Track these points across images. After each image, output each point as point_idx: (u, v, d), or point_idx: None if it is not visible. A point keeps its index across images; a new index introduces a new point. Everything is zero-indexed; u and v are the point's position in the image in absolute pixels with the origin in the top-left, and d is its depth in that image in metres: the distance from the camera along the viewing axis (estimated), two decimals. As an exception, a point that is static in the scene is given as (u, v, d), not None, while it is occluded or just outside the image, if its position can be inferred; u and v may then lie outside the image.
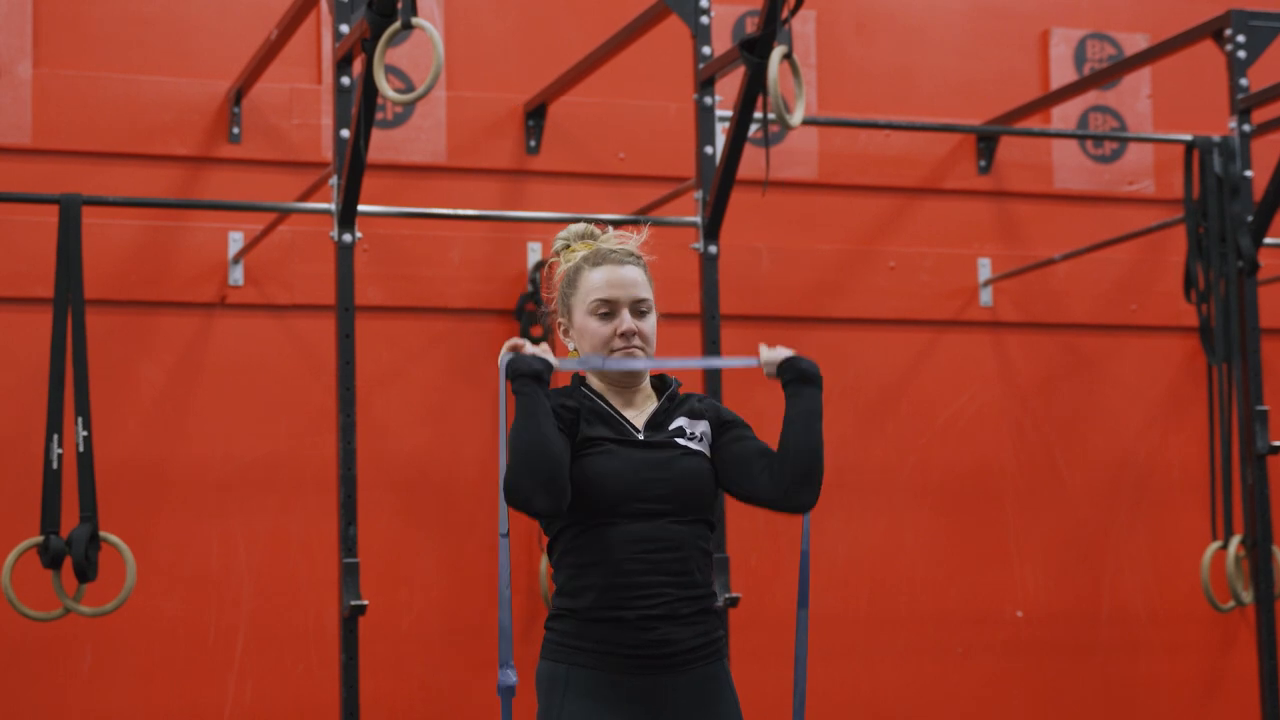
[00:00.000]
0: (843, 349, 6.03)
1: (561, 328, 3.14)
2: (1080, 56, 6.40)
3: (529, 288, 5.68)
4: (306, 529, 5.43)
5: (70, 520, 4.63)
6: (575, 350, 3.10)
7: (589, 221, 3.27)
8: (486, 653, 5.58)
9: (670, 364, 3.21)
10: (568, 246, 3.19)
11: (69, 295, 4.67)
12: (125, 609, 4.84)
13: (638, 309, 3.09)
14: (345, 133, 4.58)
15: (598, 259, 3.10)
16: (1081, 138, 6.29)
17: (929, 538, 6.04)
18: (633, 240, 3.20)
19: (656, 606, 3.01)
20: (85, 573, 4.59)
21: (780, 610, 5.80)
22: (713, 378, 4.74)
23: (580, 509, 3.04)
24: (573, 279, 3.12)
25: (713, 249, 4.84)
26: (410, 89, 5.57)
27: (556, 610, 3.07)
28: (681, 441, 3.09)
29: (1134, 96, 6.45)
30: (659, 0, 4.86)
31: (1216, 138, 5.29)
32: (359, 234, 4.72)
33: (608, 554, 3.02)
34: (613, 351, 3.07)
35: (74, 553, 4.56)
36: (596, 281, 3.08)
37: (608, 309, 3.07)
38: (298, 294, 5.53)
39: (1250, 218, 5.22)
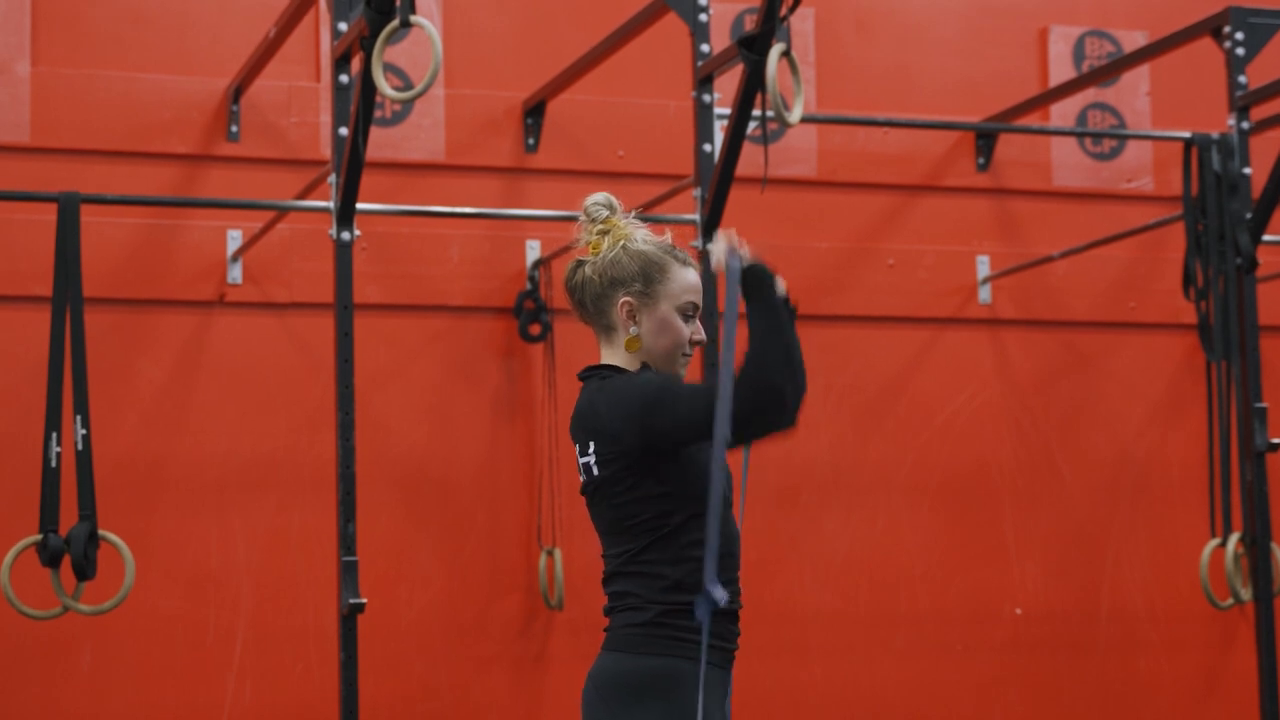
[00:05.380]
0: (841, 347, 6.03)
1: (628, 308, 3.06)
2: (1079, 54, 6.40)
3: (528, 285, 5.68)
4: (305, 527, 5.43)
5: (69, 518, 4.62)
6: (637, 335, 3.07)
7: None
8: (485, 650, 5.58)
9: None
10: (613, 213, 3.15)
11: (67, 293, 4.67)
12: (124, 607, 4.84)
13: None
14: (344, 131, 4.57)
15: (684, 259, 3.11)
16: (1080, 135, 6.29)
17: (928, 535, 6.04)
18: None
19: (738, 599, 3.03)
20: (84, 571, 4.59)
21: (776, 607, 5.81)
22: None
23: (704, 493, 2.97)
24: (661, 266, 3.07)
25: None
26: (409, 87, 5.56)
27: (672, 604, 2.95)
28: None
29: (1133, 94, 6.45)
30: (657, -2, 4.87)
31: (1215, 135, 5.29)
32: (358, 232, 4.72)
33: (730, 544, 3.00)
34: (684, 355, 3.09)
35: (73, 551, 4.56)
36: (691, 282, 3.09)
37: (694, 311, 3.10)
38: (296, 292, 5.53)
39: (1249, 215, 5.22)
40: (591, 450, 3.02)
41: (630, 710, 2.90)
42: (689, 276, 3.09)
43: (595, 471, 3.01)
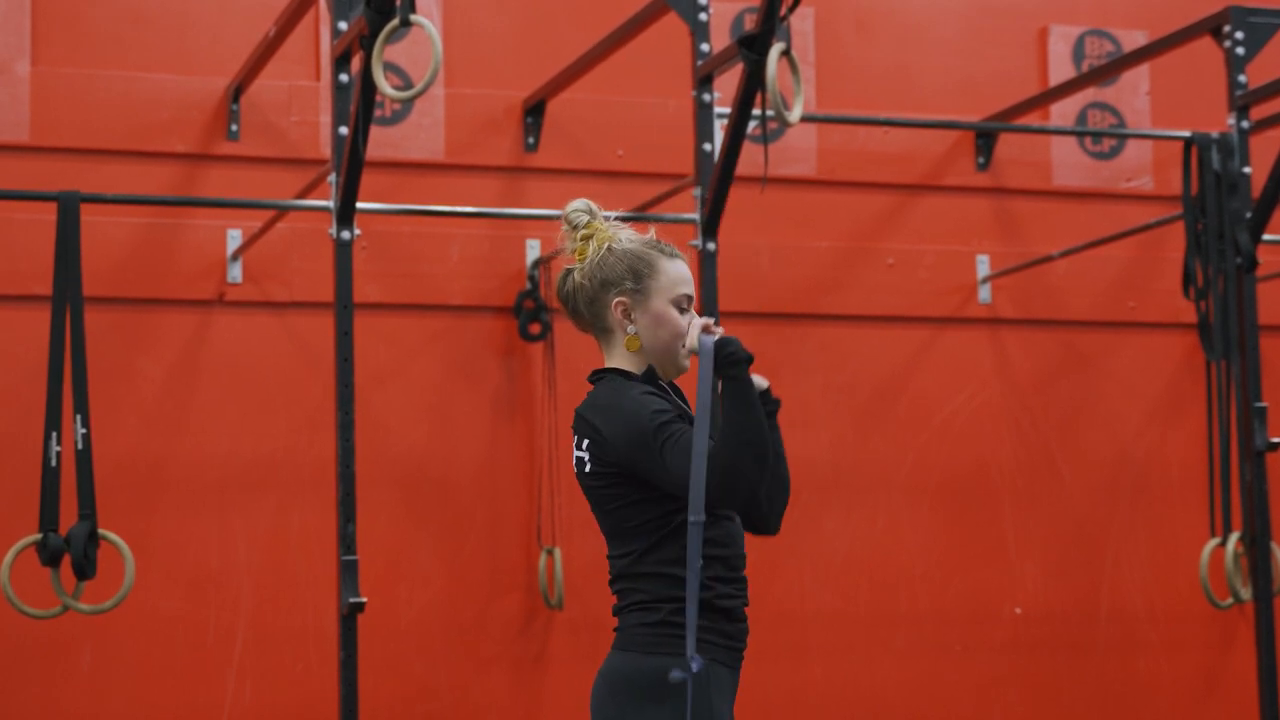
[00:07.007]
0: (841, 346, 6.03)
1: (622, 308, 3.06)
2: (1079, 53, 6.40)
3: (527, 285, 5.68)
4: (305, 526, 5.43)
5: (69, 518, 4.62)
6: (635, 333, 3.06)
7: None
8: (485, 650, 5.58)
9: None
10: (593, 218, 3.15)
11: (67, 293, 4.67)
12: (124, 607, 4.84)
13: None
14: (344, 130, 4.57)
15: (671, 252, 3.10)
16: (1080, 134, 6.29)
17: (928, 535, 6.04)
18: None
19: (745, 598, 3.05)
20: (84, 570, 4.58)
21: (776, 607, 5.80)
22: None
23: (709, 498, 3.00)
24: (649, 262, 3.06)
25: (711, 246, 4.84)
26: (409, 86, 5.56)
27: (682, 599, 2.94)
28: None
29: (1132, 93, 6.45)
30: (657, -3, 4.87)
31: (1215, 134, 5.28)
32: (358, 231, 4.72)
33: (731, 545, 3.02)
34: (684, 347, 3.06)
35: (73, 550, 4.56)
36: (681, 273, 3.08)
37: (688, 303, 3.09)
38: (296, 291, 5.52)
39: (1249, 214, 5.22)
40: (586, 448, 3.02)
41: (641, 709, 2.91)
42: (678, 268, 3.08)
43: (588, 468, 3.02)
